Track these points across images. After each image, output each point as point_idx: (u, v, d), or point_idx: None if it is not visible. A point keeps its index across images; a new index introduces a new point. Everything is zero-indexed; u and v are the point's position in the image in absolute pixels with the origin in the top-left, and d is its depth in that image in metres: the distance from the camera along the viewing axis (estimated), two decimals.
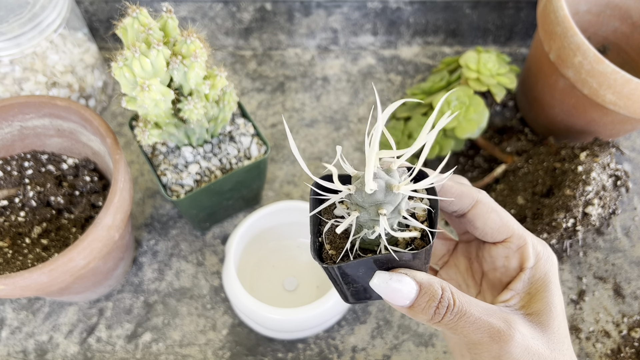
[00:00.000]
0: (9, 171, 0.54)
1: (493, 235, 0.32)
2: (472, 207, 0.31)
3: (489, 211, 0.31)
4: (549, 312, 0.29)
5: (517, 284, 0.30)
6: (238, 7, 0.72)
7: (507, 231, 0.31)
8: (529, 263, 0.31)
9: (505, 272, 0.32)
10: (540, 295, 0.30)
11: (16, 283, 0.41)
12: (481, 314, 0.28)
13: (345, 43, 0.76)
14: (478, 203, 0.31)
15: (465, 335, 0.28)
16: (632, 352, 0.55)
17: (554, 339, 0.29)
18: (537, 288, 0.30)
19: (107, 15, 0.72)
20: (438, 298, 0.28)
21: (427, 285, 0.28)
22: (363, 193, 0.26)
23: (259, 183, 0.58)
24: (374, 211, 0.26)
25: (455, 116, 0.60)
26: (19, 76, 0.57)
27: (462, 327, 0.27)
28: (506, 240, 0.32)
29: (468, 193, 0.31)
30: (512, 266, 0.31)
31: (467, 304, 0.28)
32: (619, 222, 0.64)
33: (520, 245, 0.31)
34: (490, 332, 0.27)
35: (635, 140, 0.70)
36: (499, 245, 0.32)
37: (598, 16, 0.67)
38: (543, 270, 0.31)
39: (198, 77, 0.44)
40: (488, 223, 0.31)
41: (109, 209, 0.45)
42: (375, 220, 0.27)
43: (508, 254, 0.32)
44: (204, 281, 0.59)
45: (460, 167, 0.67)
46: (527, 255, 0.31)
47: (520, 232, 0.31)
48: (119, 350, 0.55)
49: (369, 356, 0.55)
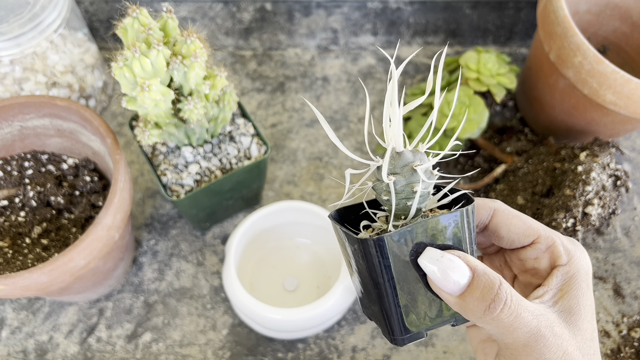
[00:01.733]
0: (9, 171, 0.54)
1: (520, 241, 0.31)
2: (492, 218, 0.31)
3: (510, 217, 0.30)
4: (579, 311, 0.29)
5: (550, 280, 0.30)
6: (238, 7, 0.72)
7: (534, 233, 0.31)
8: (561, 260, 0.30)
9: (536, 273, 0.31)
10: (573, 293, 0.29)
11: (16, 283, 0.41)
12: (532, 315, 0.27)
13: (345, 43, 0.76)
14: (496, 212, 0.30)
15: (514, 336, 0.26)
16: (632, 352, 0.55)
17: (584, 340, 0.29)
18: (570, 285, 0.29)
19: (107, 15, 0.72)
20: (495, 290, 0.26)
21: (481, 272, 0.26)
22: (393, 159, 0.26)
23: (259, 183, 0.58)
24: (409, 172, 0.27)
25: (455, 115, 0.60)
26: (19, 76, 0.57)
27: (515, 327, 0.26)
28: (534, 242, 0.31)
29: (483, 204, 0.31)
30: (543, 266, 0.31)
31: (522, 302, 0.26)
32: (618, 222, 0.64)
33: (549, 244, 0.30)
34: (536, 336, 0.26)
35: (635, 140, 0.70)
36: (528, 249, 0.31)
37: (598, 16, 0.67)
38: (576, 267, 0.30)
39: (198, 77, 0.44)
40: (512, 229, 0.30)
41: (109, 209, 0.45)
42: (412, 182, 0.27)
43: (537, 255, 0.31)
44: (204, 281, 0.59)
45: (460, 167, 0.67)
46: (557, 253, 0.30)
47: (547, 232, 0.31)
48: (119, 350, 0.55)
49: (369, 356, 0.55)
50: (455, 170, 0.67)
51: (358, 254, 0.27)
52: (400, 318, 0.27)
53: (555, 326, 0.27)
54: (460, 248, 0.28)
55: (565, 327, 0.28)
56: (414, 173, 0.27)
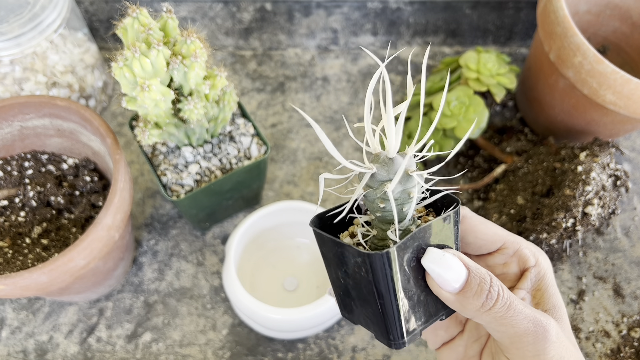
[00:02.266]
0: (9, 171, 0.54)
1: (487, 247, 0.32)
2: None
3: (477, 224, 0.31)
4: (558, 308, 0.30)
5: (525, 282, 0.31)
6: (238, 7, 0.72)
7: (500, 239, 0.32)
8: (530, 262, 0.31)
9: (506, 278, 0.32)
10: (548, 292, 0.30)
11: (16, 283, 0.41)
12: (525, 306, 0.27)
13: (345, 43, 0.76)
14: (464, 218, 0.31)
15: (513, 325, 0.27)
16: (632, 352, 0.55)
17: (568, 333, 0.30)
18: (543, 286, 0.31)
19: (107, 15, 0.72)
20: (488, 283, 0.27)
21: (475, 268, 0.27)
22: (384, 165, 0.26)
23: (259, 183, 0.58)
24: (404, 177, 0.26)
25: (455, 117, 0.60)
26: (19, 76, 0.57)
27: (511, 316, 0.27)
28: (502, 248, 0.32)
29: None
30: (512, 271, 0.32)
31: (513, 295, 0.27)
32: (618, 222, 0.64)
33: (515, 249, 0.32)
34: (534, 321, 0.27)
35: (635, 140, 0.70)
36: (495, 254, 0.32)
37: (598, 16, 0.67)
38: (544, 268, 0.31)
39: (198, 77, 0.44)
40: (479, 235, 0.31)
41: (109, 209, 0.45)
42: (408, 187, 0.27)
43: (505, 260, 0.32)
44: (204, 281, 0.59)
45: (460, 167, 0.67)
46: (525, 256, 0.31)
47: (512, 238, 0.32)
48: (119, 350, 0.55)
49: (368, 356, 0.55)
50: (455, 170, 0.67)
51: (361, 266, 0.27)
52: (400, 323, 0.28)
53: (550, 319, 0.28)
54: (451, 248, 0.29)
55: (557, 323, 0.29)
56: (409, 178, 0.27)
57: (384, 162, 0.26)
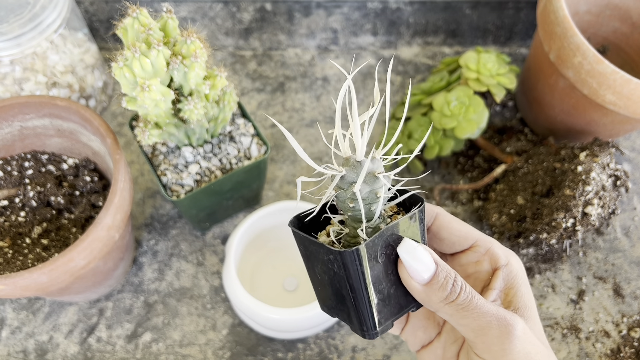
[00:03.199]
0: (9, 171, 0.54)
1: (460, 243, 0.33)
2: (434, 221, 0.33)
3: (450, 221, 0.33)
4: (529, 307, 0.31)
5: (496, 282, 0.31)
6: (238, 8, 0.72)
7: (473, 237, 0.33)
8: (501, 262, 0.32)
9: (479, 277, 0.33)
10: (520, 292, 0.31)
11: (16, 283, 0.42)
12: (485, 301, 0.29)
13: (345, 43, 0.76)
14: (438, 215, 0.33)
15: (475, 318, 0.28)
16: (632, 352, 0.55)
17: (540, 333, 0.31)
18: (514, 285, 0.31)
19: (107, 15, 0.72)
20: (452, 279, 0.29)
21: (442, 264, 0.29)
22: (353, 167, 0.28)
23: (259, 183, 0.58)
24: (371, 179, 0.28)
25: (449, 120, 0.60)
26: (19, 76, 0.57)
27: (474, 308, 0.28)
28: (473, 246, 0.33)
29: (427, 208, 0.33)
30: (484, 269, 0.33)
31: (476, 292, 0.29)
32: (618, 222, 0.64)
33: (487, 247, 0.32)
34: (498, 317, 0.28)
35: (635, 140, 0.70)
36: (467, 252, 0.33)
37: (598, 16, 0.67)
38: (516, 268, 0.32)
39: (198, 77, 0.44)
40: (453, 232, 0.33)
41: (109, 209, 0.45)
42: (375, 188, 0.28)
43: (478, 258, 0.33)
44: (204, 281, 0.59)
45: (460, 167, 0.67)
46: (497, 255, 0.32)
47: (485, 237, 0.33)
48: (119, 350, 0.55)
49: (368, 356, 0.55)
50: (455, 170, 0.67)
51: (333, 263, 0.29)
52: (372, 315, 0.30)
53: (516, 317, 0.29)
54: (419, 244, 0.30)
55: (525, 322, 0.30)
56: (376, 180, 0.28)
57: (352, 165, 0.29)
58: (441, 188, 0.64)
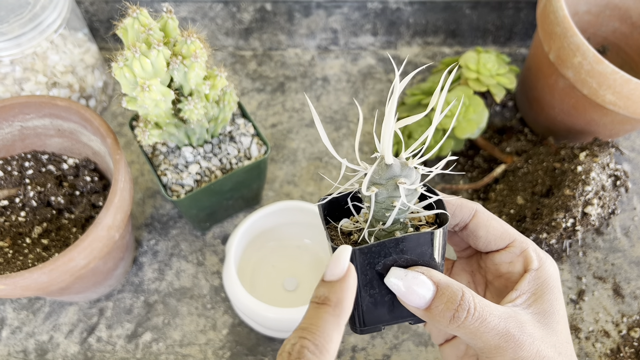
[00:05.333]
0: (10, 171, 0.54)
1: (496, 243, 0.32)
2: (473, 218, 0.32)
3: (489, 219, 0.32)
4: (553, 314, 0.30)
5: (522, 284, 0.31)
6: (238, 8, 0.72)
7: (509, 237, 0.32)
8: (533, 265, 0.31)
9: (510, 278, 0.32)
10: (546, 297, 0.30)
11: (16, 283, 0.42)
12: (499, 318, 0.28)
13: (345, 43, 0.77)
14: (477, 213, 0.32)
15: (483, 340, 0.28)
16: (632, 351, 0.56)
17: (559, 341, 0.30)
18: (542, 290, 0.31)
19: (107, 15, 0.72)
20: (457, 300, 0.27)
21: (444, 286, 0.28)
22: (380, 169, 0.27)
23: (259, 183, 0.58)
24: (392, 185, 0.27)
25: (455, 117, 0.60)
26: (20, 76, 0.57)
27: (482, 332, 0.27)
28: (509, 246, 0.32)
29: (467, 204, 0.32)
30: (517, 270, 0.32)
31: (487, 307, 0.28)
32: (618, 222, 0.64)
33: (523, 249, 0.32)
34: (506, 337, 0.28)
35: (635, 140, 0.70)
36: (502, 252, 0.33)
37: (597, 16, 0.68)
38: (547, 273, 0.31)
39: (198, 77, 0.44)
40: (491, 231, 0.32)
41: (109, 209, 0.45)
42: (394, 196, 0.27)
43: (512, 259, 0.32)
44: (204, 281, 0.59)
45: (460, 167, 0.67)
46: (530, 257, 0.31)
47: (522, 238, 0.32)
48: (119, 350, 0.55)
49: (368, 356, 0.55)
50: (455, 170, 0.67)
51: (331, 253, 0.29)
52: (361, 314, 0.30)
53: (526, 326, 0.28)
54: (427, 262, 0.29)
55: (540, 328, 0.29)
56: (396, 188, 0.27)
57: (381, 166, 0.27)
58: (441, 188, 0.64)
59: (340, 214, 0.32)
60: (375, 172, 0.27)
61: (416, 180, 0.28)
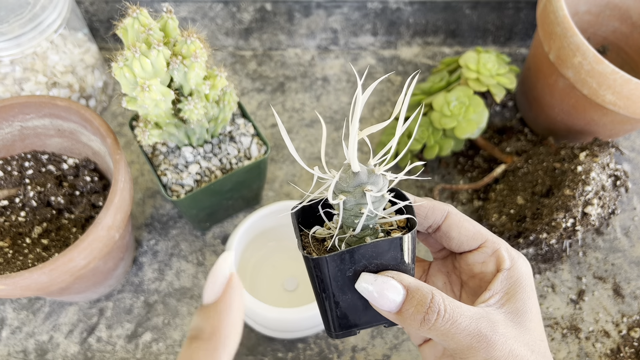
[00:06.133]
0: (10, 171, 0.54)
1: (469, 243, 0.33)
2: (445, 219, 0.33)
3: (461, 220, 0.33)
4: (526, 312, 0.30)
5: (494, 284, 0.31)
6: (238, 8, 0.72)
7: (482, 237, 0.33)
8: (505, 264, 0.32)
9: (484, 278, 0.33)
10: (518, 296, 0.31)
11: (16, 283, 0.42)
12: (470, 319, 0.28)
13: (345, 43, 0.77)
14: (449, 214, 0.33)
15: (455, 341, 0.28)
16: (632, 352, 0.56)
17: (533, 339, 0.30)
18: (515, 289, 0.31)
19: (107, 15, 0.72)
20: (427, 303, 0.28)
21: (414, 289, 0.28)
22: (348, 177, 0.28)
23: (259, 183, 0.58)
24: (360, 193, 0.28)
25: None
26: (20, 76, 0.57)
27: (454, 333, 0.28)
28: (481, 246, 0.33)
29: (439, 206, 0.33)
30: (490, 270, 0.32)
31: (458, 309, 0.28)
32: (618, 222, 0.64)
33: (495, 249, 0.32)
34: (478, 337, 0.28)
35: (635, 140, 0.70)
36: (475, 252, 0.33)
37: (597, 16, 0.68)
38: (519, 272, 0.32)
39: (198, 77, 0.44)
40: (463, 232, 0.32)
41: (109, 209, 0.45)
42: (361, 204, 0.28)
43: (484, 259, 0.33)
44: (204, 281, 0.59)
45: (459, 167, 0.67)
46: (502, 257, 0.32)
47: (494, 238, 0.33)
48: (119, 350, 0.55)
49: (368, 356, 0.55)
50: (455, 171, 0.67)
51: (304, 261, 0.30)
52: (332, 319, 0.30)
53: (499, 326, 0.29)
54: (398, 266, 0.29)
55: (513, 327, 0.29)
56: (364, 195, 0.28)
57: (348, 174, 0.28)
58: (441, 188, 0.64)
59: (314, 221, 0.32)
60: (343, 179, 0.28)
61: (383, 187, 0.28)
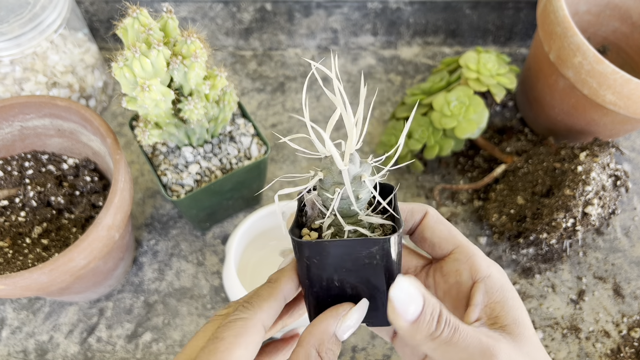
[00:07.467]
0: (10, 171, 0.54)
1: (441, 246, 0.32)
2: (422, 219, 0.32)
3: (436, 222, 0.32)
4: (519, 323, 0.29)
5: (477, 297, 0.30)
6: (238, 8, 0.72)
7: (455, 241, 0.31)
8: (481, 273, 0.30)
9: (460, 289, 0.31)
10: (507, 306, 0.29)
11: (16, 283, 0.42)
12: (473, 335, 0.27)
13: (345, 43, 0.77)
14: (427, 214, 0.32)
15: (457, 352, 0.26)
16: (632, 352, 0.55)
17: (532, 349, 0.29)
18: (500, 299, 0.30)
19: (107, 15, 0.72)
20: (438, 310, 0.26)
21: (429, 297, 0.27)
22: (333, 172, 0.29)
23: (259, 183, 0.58)
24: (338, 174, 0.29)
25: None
26: (20, 76, 0.57)
27: (456, 343, 0.26)
28: (454, 252, 0.32)
29: (418, 207, 0.32)
30: (464, 279, 0.31)
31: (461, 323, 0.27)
32: (618, 222, 0.64)
33: (468, 256, 0.31)
34: (480, 347, 0.26)
35: (635, 140, 0.70)
36: (448, 260, 0.32)
37: (598, 16, 0.68)
38: (500, 281, 0.30)
39: (198, 77, 0.44)
40: (436, 233, 0.32)
41: (109, 209, 0.45)
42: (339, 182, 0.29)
43: (458, 267, 0.31)
44: (204, 281, 0.59)
45: (460, 167, 0.67)
46: (476, 266, 0.30)
47: (467, 244, 0.31)
48: (119, 350, 0.55)
49: (368, 356, 0.55)
50: (455, 171, 0.67)
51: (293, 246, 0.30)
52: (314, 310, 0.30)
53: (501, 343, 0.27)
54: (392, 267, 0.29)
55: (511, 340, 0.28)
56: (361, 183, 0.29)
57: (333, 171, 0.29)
58: (441, 188, 0.64)
59: None
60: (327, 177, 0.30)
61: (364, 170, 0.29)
